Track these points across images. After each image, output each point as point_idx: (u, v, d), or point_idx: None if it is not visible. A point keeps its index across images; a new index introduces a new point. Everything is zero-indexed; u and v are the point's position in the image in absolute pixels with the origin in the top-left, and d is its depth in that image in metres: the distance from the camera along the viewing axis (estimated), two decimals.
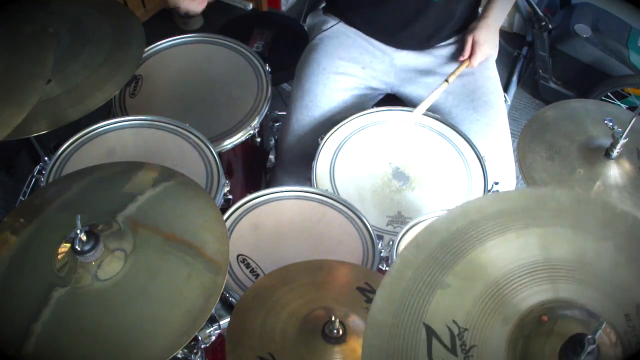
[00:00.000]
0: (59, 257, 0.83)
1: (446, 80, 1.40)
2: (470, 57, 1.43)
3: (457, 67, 1.43)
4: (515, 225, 0.71)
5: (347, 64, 1.49)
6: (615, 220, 0.72)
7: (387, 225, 1.19)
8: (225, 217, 1.12)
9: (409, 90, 1.53)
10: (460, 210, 0.73)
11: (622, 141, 0.99)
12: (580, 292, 0.67)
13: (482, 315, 0.65)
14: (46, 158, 1.21)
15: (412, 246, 0.70)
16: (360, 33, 1.53)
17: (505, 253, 0.69)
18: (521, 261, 0.69)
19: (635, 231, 0.71)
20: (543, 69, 2.33)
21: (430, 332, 0.63)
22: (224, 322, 1.03)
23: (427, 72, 1.51)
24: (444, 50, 1.52)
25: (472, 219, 0.72)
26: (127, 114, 1.34)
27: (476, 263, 0.68)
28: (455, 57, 1.49)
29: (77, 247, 0.80)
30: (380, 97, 1.58)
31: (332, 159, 1.28)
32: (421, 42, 1.50)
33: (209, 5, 1.36)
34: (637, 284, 0.67)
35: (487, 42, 1.43)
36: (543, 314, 0.65)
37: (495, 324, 0.64)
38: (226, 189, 1.20)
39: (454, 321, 0.64)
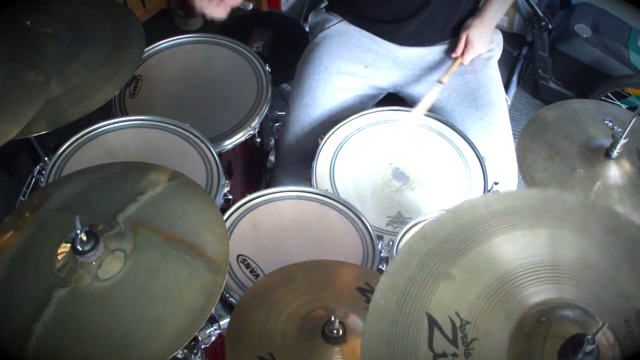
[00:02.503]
0: (59, 257, 0.84)
1: (439, 81, 1.42)
2: (462, 54, 1.45)
3: (450, 66, 1.45)
4: (522, 224, 0.71)
5: (349, 63, 1.48)
6: (619, 228, 0.73)
7: (387, 225, 1.19)
8: (225, 217, 1.12)
9: (411, 88, 1.52)
10: (468, 205, 0.72)
11: (622, 141, 0.99)
12: (582, 294, 0.67)
13: (485, 310, 0.65)
14: (46, 158, 1.21)
15: (419, 236, 0.69)
16: (363, 31, 1.52)
17: (511, 250, 0.69)
18: (526, 259, 0.69)
19: (638, 239, 0.72)
20: (543, 69, 2.33)
21: (433, 322, 0.63)
22: (224, 322, 1.03)
23: (431, 69, 1.51)
24: (449, 47, 1.52)
25: (480, 214, 0.71)
26: (127, 114, 1.34)
27: (482, 257, 0.68)
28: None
29: (77, 247, 0.80)
30: (382, 96, 1.57)
31: (332, 159, 1.28)
32: (426, 39, 1.49)
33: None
34: (638, 291, 0.68)
35: (480, 41, 1.44)
36: (543, 314, 0.65)
37: (497, 319, 0.64)
38: (226, 189, 1.20)
39: (456, 313, 0.64)
